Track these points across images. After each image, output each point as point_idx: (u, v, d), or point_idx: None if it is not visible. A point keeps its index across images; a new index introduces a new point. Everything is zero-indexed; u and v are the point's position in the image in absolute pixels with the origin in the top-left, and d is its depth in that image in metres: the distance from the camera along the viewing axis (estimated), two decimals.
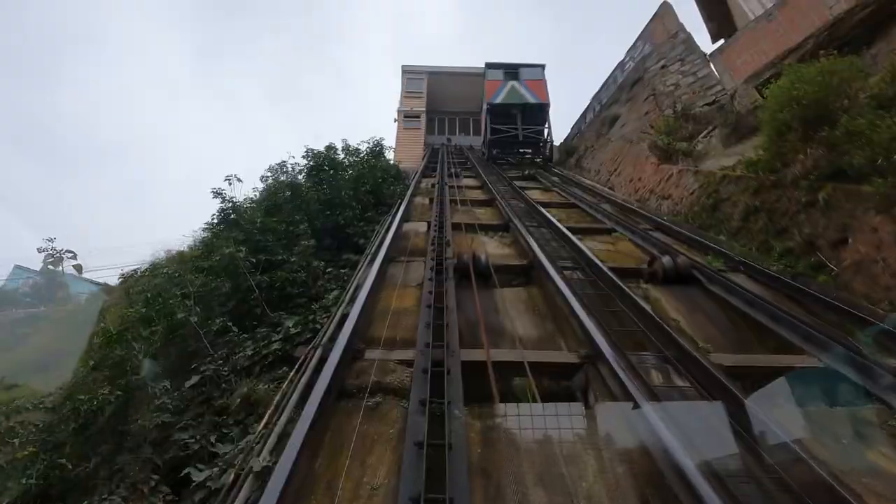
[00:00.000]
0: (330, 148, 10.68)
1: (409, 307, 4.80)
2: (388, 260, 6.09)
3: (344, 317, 4.17)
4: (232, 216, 7.47)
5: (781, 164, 6.41)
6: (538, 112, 19.24)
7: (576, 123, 20.96)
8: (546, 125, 19.29)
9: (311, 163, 9.97)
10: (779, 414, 2.95)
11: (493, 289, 5.52)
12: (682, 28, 14.02)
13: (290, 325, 5.10)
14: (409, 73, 27.23)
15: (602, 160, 14.33)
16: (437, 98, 27.80)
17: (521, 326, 4.64)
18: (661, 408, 2.81)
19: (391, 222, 8.00)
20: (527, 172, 16.38)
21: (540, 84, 19.70)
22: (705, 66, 12.57)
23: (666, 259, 5.69)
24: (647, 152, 10.86)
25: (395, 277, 5.65)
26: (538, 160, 19.20)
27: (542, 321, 4.80)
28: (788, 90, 6.31)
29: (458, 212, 10.00)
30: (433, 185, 13.27)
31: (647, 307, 4.52)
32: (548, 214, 9.25)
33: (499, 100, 19.33)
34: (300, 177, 9.65)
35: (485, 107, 20.13)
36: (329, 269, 7.03)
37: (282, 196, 8.42)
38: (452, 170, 16.27)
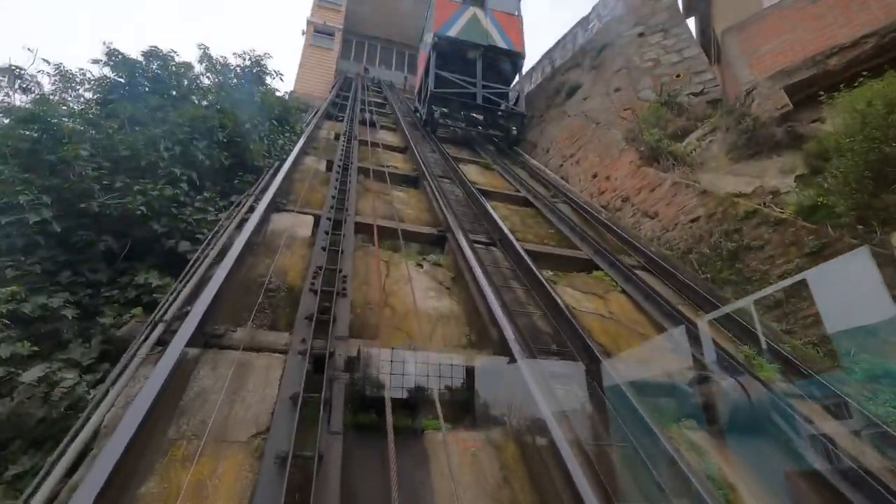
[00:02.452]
0: (160, 57, 5.62)
1: None
2: (209, 340, 2.81)
3: None
4: None
5: (878, 224, 4.23)
6: (508, 64, 13.31)
7: (517, 82, 17.95)
8: (516, 86, 13.62)
9: (122, 79, 5.36)
10: None
11: (424, 438, 2.66)
12: None
13: None
14: None
15: (554, 137, 11.73)
16: (358, 17, 22.81)
17: None
18: None
19: (249, 215, 4.57)
20: (460, 134, 13.26)
21: (515, 22, 13.34)
22: (693, 44, 10.27)
23: (730, 385, 3.24)
24: (624, 144, 8.41)
25: (205, 405, 2.44)
26: (498, 138, 13.04)
27: None
28: None
29: (369, 193, 6.75)
30: (337, 137, 9.64)
31: None
32: (496, 217, 6.51)
33: (453, 32, 12.50)
34: (89, 99, 5.04)
35: (428, 38, 13.27)
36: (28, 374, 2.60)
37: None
38: (367, 115, 12.56)
